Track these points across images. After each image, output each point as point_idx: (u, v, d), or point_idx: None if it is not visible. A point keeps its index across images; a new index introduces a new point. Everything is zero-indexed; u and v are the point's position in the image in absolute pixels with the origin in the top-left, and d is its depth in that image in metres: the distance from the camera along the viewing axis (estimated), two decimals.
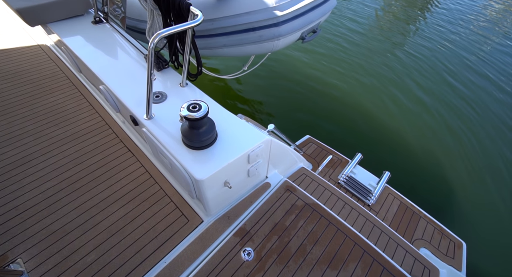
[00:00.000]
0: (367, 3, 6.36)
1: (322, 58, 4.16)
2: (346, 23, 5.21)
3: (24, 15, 1.70)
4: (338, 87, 3.65)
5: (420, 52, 4.59)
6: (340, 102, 3.44)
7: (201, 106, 1.00)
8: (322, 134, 2.38)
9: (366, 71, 3.98)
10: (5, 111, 1.72)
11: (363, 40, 4.74)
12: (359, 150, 2.16)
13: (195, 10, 1.16)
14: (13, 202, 1.32)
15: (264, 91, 3.49)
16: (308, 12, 1.64)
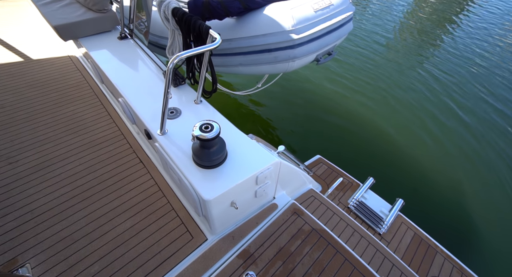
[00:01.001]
0: (386, 20, 6.41)
1: (338, 77, 4.17)
2: (364, 42, 5.23)
3: (59, 31, 1.86)
4: (352, 107, 3.62)
5: (443, 72, 4.51)
6: (354, 122, 3.40)
7: (213, 127, 1.03)
8: (333, 155, 2.34)
9: (383, 92, 3.93)
10: (31, 117, 1.85)
11: (380, 60, 4.73)
12: (371, 174, 2.10)
13: (214, 33, 1.22)
14: (29, 206, 1.38)
15: (277, 108, 3.51)
16: (324, 36, 1.68)
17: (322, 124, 3.31)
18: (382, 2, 7.65)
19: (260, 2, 1.65)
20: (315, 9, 1.61)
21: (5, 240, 1.24)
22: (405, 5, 7.59)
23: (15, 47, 2.49)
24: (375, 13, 6.79)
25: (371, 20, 6.31)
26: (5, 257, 1.19)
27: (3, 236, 1.26)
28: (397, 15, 6.81)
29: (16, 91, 2.04)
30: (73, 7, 2.08)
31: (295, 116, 3.43)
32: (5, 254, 1.20)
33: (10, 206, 1.37)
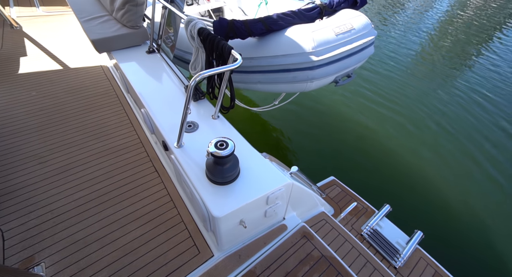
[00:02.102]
0: (408, 40, 6.34)
1: (358, 97, 4.10)
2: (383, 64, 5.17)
3: (96, 44, 2.06)
4: (371, 129, 3.53)
5: (464, 99, 4.32)
6: (371, 144, 3.29)
7: (228, 144, 1.06)
8: (347, 177, 2.26)
9: (402, 115, 3.82)
10: (63, 120, 2.01)
11: (399, 82, 4.62)
12: (388, 200, 2.01)
13: (236, 54, 1.29)
14: (50, 206, 1.48)
15: (293, 127, 3.50)
16: (343, 59, 1.70)
17: (338, 145, 3.24)
18: (406, 23, 7.61)
19: (282, 24, 1.73)
20: (336, 32, 1.65)
21: (27, 237, 1.33)
22: (431, 26, 7.50)
23: (57, 56, 2.77)
24: (398, 35, 6.76)
25: (393, 41, 6.28)
26: (24, 254, 1.27)
27: (26, 232, 1.34)
28: (422, 36, 6.72)
29: (54, 96, 2.24)
30: (110, 24, 2.29)
31: (310, 135, 3.40)
32: (25, 251, 1.28)
33: (34, 204, 1.47)
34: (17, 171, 1.63)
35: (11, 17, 3.09)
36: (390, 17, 7.79)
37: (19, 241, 1.31)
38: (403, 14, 8.19)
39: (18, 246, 1.29)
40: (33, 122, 1.98)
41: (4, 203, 1.45)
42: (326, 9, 1.86)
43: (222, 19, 1.71)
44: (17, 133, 1.88)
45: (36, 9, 3.63)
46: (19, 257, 1.25)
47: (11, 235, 1.33)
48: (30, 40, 2.96)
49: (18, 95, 2.21)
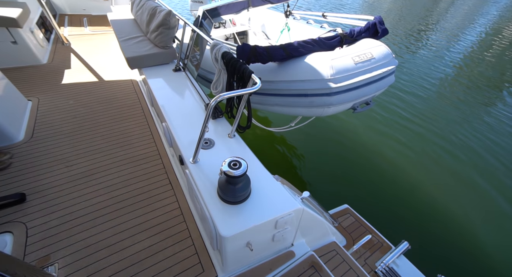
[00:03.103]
0: (438, 65, 6.24)
1: (375, 124, 4.02)
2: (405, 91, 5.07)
3: (129, 61, 2.29)
4: (392, 157, 3.40)
5: (491, 133, 4.06)
6: (389, 173, 3.15)
7: (241, 164, 1.10)
8: (362, 207, 2.16)
9: (424, 144, 3.65)
10: (93, 128, 2.20)
11: (422, 110, 4.48)
12: (406, 237, 1.88)
13: (255, 78, 1.37)
14: (70, 208, 1.58)
15: (307, 149, 3.48)
16: (362, 87, 1.73)
17: (354, 172, 3.14)
18: (431, 50, 7.55)
19: (303, 51, 1.82)
20: (356, 61, 1.70)
21: (46, 236, 1.42)
22: (458, 54, 7.35)
23: (96, 69, 3.10)
24: (422, 61, 6.69)
25: (418, 67, 6.21)
26: (42, 252, 1.35)
27: (46, 231, 1.44)
28: (447, 64, 6.59)
29: (88, 105, 2.48)
30: (144, 44, 2.55)
31: (325, 159, 3.34)
32: (43, 250, 1.36)
33: (57, 205, 1.58)
34: (46, 173, 1.78)
35: (63, 35, 3.55)
36: (421, 41, 7.78)
37: (39, 239, 1.40)
38: (435, 38, 8.15)
39: (38, 244, 1.38)
40: (66, 128, 2.19)
41: (32, 201, 1.58)
42: (347, 38, 1.94)
43: (245, 45, 1.85)
44: (51, 137, 2.08)
45: (84, 29, 4.15)
46: (37, 255, 1.34)
47: (34, 233, 1.42)
48: (75, 55, 3.36)
49: (58, 103, 2.47)
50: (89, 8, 4.71)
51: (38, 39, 3.22)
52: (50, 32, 3.81)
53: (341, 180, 3.01)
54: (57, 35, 3.63)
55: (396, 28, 9.04)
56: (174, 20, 2.42)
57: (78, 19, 4.47)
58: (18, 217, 1.50)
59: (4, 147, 1.93)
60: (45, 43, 3.42)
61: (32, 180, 1.72)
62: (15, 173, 1.75)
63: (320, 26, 2.93)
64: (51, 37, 3.72)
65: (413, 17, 10.98)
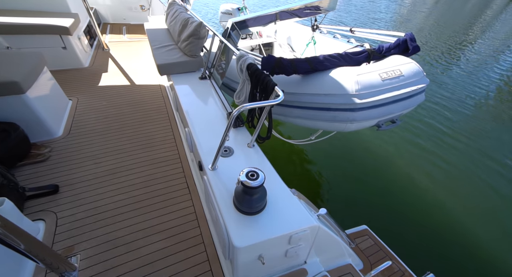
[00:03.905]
0: (479, 82, 5.85)
1: (402, 142, 3.81)
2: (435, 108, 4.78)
3: (160, 68, 2.45)
4: (415, 178, 3.19)
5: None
6: (414, 196, 2.94)
7: (258, 175, 1.11)
8: (382, 229, 2.03)
9: (461, 170, 3.36)
10: (121, 129, 2.36)
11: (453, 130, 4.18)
12: (431, 267, 1.72)
13: (279, 90, 1.39)
14: (95, 203, 1.69)
15: (327, 164, 3.38)
16: (388, 105, 1.68)
17: (375, 191, 2.98)
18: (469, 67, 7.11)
19: (328, 65, 1.82)
20: (383, 78, 1.66)
21: (73, 227, 1.52)
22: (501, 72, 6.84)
23: (128, 73, 3.35)
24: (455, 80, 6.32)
25: (459, 83, 5.86)
26: (68, 242, 1.45)
27: (73, 223, 1.55)
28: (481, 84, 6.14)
29: (118, 106, 2.68)
30: (174, 52, 2.72)
31: (345, 176, 3.20)
32: (69, 240, 1.46)
33: (84, 199, 1.70)
34: (78, 167, 1.93)
35: (104, 42, 3.91)
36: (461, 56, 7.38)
37: (66, 229, 1.51)
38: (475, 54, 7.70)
39: (64, 234, 1.48)
40: (98, 127, 2.37)
41: (64, 193, 1.72)
42: (375, 54, 1.90)
43: (270, 56, 1.90)
44: (84, 135, 2.27)
45: (122, 36, 4.54)
46: (63, 244, 1.44)
47: (62, 223, 1.54)
48: (113, 60, 3.67)
49: (93, 103, 2.70)
50: (129, 17, 5.15)
51: (83, 45, 3.57)
52: (94, 38, 4.21)
53: (360, 199, 2.87)
54: (99, 41, 4.01)
55: (433, 42, 8.68)
56: (204, 31, 2.56)
57: (118, 28, 4.90)
58: (51, 206, 1.63)
59: (46, 141, 2.13)
60: (88, 49, 3.78)
61: (65, 173, 1.87)
62: (52, 165, 1.92)
63: (347, 41, 2.91)
64: (94, 43, 4.12)
65: (452, 31, 10.49)
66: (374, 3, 15.93)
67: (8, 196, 1.42)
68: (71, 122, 2.40)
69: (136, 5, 5.04)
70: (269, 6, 13.14)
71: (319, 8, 2.63)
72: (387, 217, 2.68)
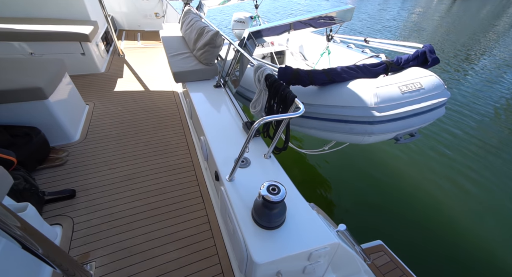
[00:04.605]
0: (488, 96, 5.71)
1: (423, 155, 3.67)
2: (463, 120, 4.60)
3: (175, 75, 2.50)
4: (436, 194, 3.07)
5: None
6: (433, 212, 2.83)
7: (280, 190, 1.10)
8: (399, 246, 1.97)
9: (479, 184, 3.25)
10: (135, 134, 2.40)
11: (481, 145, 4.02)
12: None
13: (299, 103, 1.39)
14: (111, 209, 1.71)
15: (340, 175, 3.31)
16: (408, 118, 1.66)
17: (390, 203, 2.92)
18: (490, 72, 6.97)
19: (345, 77, 1.82)
20: (403, 91, 1.64)
21: (88, 233, 1.54)
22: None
23: (143, 79, 3.43)
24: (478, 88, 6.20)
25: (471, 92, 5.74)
26: (84, 249, 1.46)
27: (88, 229, 1.57)
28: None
29: (133, 112, 2.73)
30: (189, 60, 2.78)
31: (358, 186, 3.13)
32: (85, 246, 1.47)
33: (99, 205, 1.72)
34: (94, 172, 1.96)
35: (120, 48, 4.03)
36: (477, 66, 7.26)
37: (83, 235, 1.53)
38: None
39: (81, 240, 1.50)
40: (114, 132, 2.42)
41: (80, 198, 1.75)
42: (393, 65, 1.90)
43: (287, 67, 1.91)
44: (100, 139, 2.31)
45: (137, 42, 4.67)
46: (79, 250, 1.45)
47: (79, 228, 1.56)
48: (128, 66, 3.77)
49: (109, 108, 2.76)
50: (143, 24, 5.30)
51: (100, 51, 3.69)
52: (110, 44, 4.35)
53: (375, 211, 2.81)
54: (115, 47, 4.13)
55: (449, 49, 8.57)
56: (220, 40, 2.61)
57: (133, 34, 5.05)
58: (68, 211, 1.66)
59: (64, 145, 2.19)
60: (104, 54, 3.90)
61: (81, 178, 1.91)
62: (69, 170, 1.96)
63: (361, 51, 2.91)
64: (110, 49, 4.25)
65: (467, 38, 10.35)
66: (385, 11, 15.97)
67: (29, 200, 1.45)
68: (87, 127, 2.46)
69: (151, 12, 5.19)
70: (282, 14, 13.29)
71: (333, 18, 2.65)
72: (404, 231, 2.60)
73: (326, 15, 2.58)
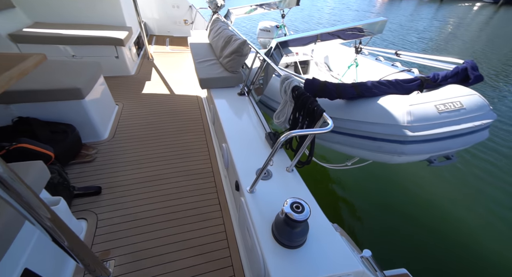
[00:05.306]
0: None
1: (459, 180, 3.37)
2: None
3: (201, 82, 2.57)
4: (471, 225, 2.81)
5: None
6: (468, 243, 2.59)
7: (304, 208, 1.06)
8: (424, 275, 1.82)
9: None
10: (160, 136, 2.48)
11: None
12: None
13: (328, 118, 1.35)
14: (132, 209, 1.76)
15: (363, 193, 3.12)
16: (445, 140, 1.54)
17: (418, 230, 2.70)
18: None
19: (376, 92, 1.75)
20: (440, 110, 1.54)
21: (110, 231, 1.59)
22: None
23: (169, 83, 3.57)
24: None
25: None
26: (105, 246, 1.51)
27: (111, 226, 1.62)
28: None
29: (158, 114, 2.84)
30: (216, 67, 2.85)
31: (385, 209, 2.91)
32: (106, 243, 1.52)
33: (122, 204, 1.78)
34: (119, 171, 2.05)
35: (150, 52, 4.25)
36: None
37: (105, 232, 1.58)
38: None
39: (103, 237, 1.56)
40: (139, 133, 2.52)
41: (105, 195, 1.82)
42: (428, 82, 1.79)
43: (314, 79, 1.88)
44: (127, 139, 2.42)
45: (165, 47, 4.90)
46: (101, 247, 1.50)
47: (102, 225, 1.62)
48: (156, 69, 3.95)
49: (137, 109, 2.90)
50: (172, 30, 5.57)
51: (132, 54, 3.92)
52: (141, 48, 4.60)
53: (401, 237, 2.60)
54: (145, 51, 4.36)
55: (490, 63, 8.01)
56: (247, 49, 2.65)
57: (162, 39, 5.32)
58: (93, 207, 1.73)
59: (94, 142, 2.32)
60: (135, 58, 4.13)
61: (107, 175, 2.00)
62: (97, 167, 2.07)
63: (391, 65, 2.81)
64: (141, 53, 4.49)
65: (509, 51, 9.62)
66: (416, 21, 15.36)
67: (61, 194, 1.54)
68: (116, 126, 2.59)
69: (180, 19, 5.44)
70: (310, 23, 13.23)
71: (363, 30, 2.59)
72: (431, 261, 2.40)
73: (355, 27, 2.53)
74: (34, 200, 0.77)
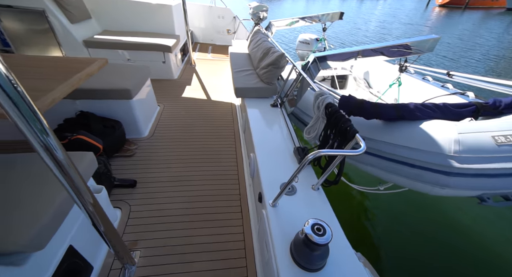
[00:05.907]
0: None
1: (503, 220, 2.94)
2: None
3: (237, 91, 2.68)
4: None
5: None
6: None
7: (325, 231, 1.03)
8: None
9: None
10: (192, 138, 2.64)
11: None
12: None
13: (360, 140, 1.29)
14: (161, 205, 1.89)
15: (394, 221, 2.85)
16: (504, 177, 1.35)
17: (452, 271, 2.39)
18: None
19: (419, 115, 1.63)
20: (499, 142, 1.36)
21: (140, 223, 1.73)
22: None
23: (207, 88, 3.80)
24: None
25: None
26: (134, 236, 1.64)
27: (140, 219, 1.76)
28: None
29: (194, 118, 3.03)
30: (252, 77, 2.95)
31: (418, 243, 2.61)
32: (135, 234, 1.66)
33: (153, 199, 1.93)
34: (153, 168, 2.23)
35: (193, 58, 4.60)
36: None
37: (135, 223, 1.73)
38: None
39: (133, 227, 1.70)
40: (176, 134, 2.71)
41: (139, 189, 2.00)
42: (487, 109, 1.60)
43: (351, 97, 1.83)
44: (164, 139, 2.63)
45: (207, 55, 5.25)
46: (130, 237, 1.64)
47: (133, 217, 1.77)
48: (196, 75, 4.25)
49: (176, 111, 3.14)
50: (215, 39, 5.94)
51: (177, 60, 4.28)
52: (185, 55, 5.00)
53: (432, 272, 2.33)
54: (189, 58, 4.73)
55: None
56: (284, 61, 2.70)
57: (205, 47, 5.70)
58: (128, 198, 1.91)
59: (135, 138, 2.57)
60: (180, 63, 4.50)
61: (143, 171, 2.19)
62: (135, 162, 2.28)
63: (441, 86, 2.58)
64: (185, 59, 4.88)
65: None
66: (480, 37, 13.76)
67: (104, 183, 1.74)
68: (155, 126, 2.83)
69: (223, 29, 5.79)
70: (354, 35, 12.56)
71: (411, 48, 2.44)
72: None
73: (402, 44, 2.40)
74: (83, 187, 0.89)
